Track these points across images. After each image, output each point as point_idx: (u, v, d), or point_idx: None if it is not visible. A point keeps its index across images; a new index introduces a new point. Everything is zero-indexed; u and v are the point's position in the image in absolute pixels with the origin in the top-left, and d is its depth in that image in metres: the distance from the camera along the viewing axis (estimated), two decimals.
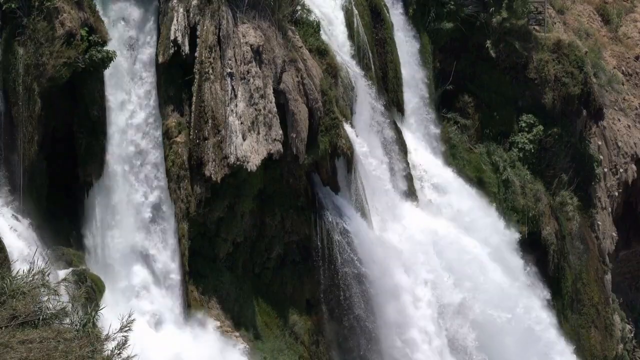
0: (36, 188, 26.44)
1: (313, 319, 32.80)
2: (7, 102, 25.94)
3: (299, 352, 31.98)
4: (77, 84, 26.88)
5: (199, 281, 30.13)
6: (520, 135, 43.08)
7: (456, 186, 39.55)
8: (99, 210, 27.86)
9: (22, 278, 14.95)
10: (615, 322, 46.43)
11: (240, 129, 29.46)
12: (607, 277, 46.67)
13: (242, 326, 30.80)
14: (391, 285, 33.85)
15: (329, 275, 32.73)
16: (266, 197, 31.74)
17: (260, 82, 30.13)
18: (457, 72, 42.16)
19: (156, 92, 29.12)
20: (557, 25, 47.55)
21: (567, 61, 43.89)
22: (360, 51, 36.52)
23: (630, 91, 52.00)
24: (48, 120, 26.48)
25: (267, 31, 30.82)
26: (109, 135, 27.77)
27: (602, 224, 46.63)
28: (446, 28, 41.16)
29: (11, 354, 12.88)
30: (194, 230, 29.77)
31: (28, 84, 25.64)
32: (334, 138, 32.45)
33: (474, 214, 39.27)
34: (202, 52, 29.37)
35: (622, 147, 49.02)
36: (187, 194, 29.25)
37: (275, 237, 32.13)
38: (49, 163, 26.90)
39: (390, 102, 38.10)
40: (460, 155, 41.44)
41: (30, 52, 25.64)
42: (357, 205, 33.90)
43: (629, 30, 54.34)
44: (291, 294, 32.49)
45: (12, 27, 25.73)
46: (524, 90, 43.51)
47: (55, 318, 14.21)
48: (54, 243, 26.18)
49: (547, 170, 43.78)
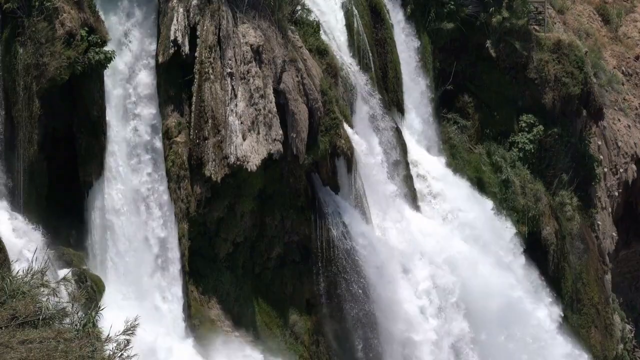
0: (36, 188, 26.42)
1: (313, 319, 32.79)
2: (7, 102, 25.94)
3: (299, 352, 31.97)
4: (77, 84, 26.86)
5: (199, 281, 30.13)
6: (520, 135, 43.08)
7: (456, 186, 39.53)
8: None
9: (22, 278, 14.95)
10: (615, 322, 46.42)
11: (240, 129, 29.46)
12: (607, 277, 46.66)
13: (242, 326, 30.80)
14: (390, 285, 33.85)
15: (329, 275, 32.72)
16: (266, 197, 31.74)
17: (260, 82, 30.12)
18: (457, 72, 42.17)
19: (156, 92, 29.12)
20: (557, 25, 47.54)
21: (567, 61, 43.88)
22: (360, 51, 36.51)
23: (630, 91, 52.00)
24: (48, 120, 26.46)
25: (267, 31, 30.81)
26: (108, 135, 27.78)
27: (602, 224, 46.63)
28: (446, 28, 41.14)
29: (11, 354, 12.87)
30: (194, 230, 29.76)
31: (28, 84, 25.63)
32: (334, 138, 32.44)
33: (473, 214, 39.25)
34: (202, 52, 29.37)
35: (622, 147, 49.02)
36: (187, 194, 29.25)
37: (275, 237, 32.13)
38: (49, 163, 26.88)
39: (390, 102, 38.10)
40: (460, 155, 41.44)
41: (30, 52, 25.63)
42: (357, 205, 33.89)
43: (629, 30, 54.33)
44: (291, 294, 32.48)
45: (12, 27, 25.72)
46: (524, 90, 43.51)
47: (55, 318, 14.20)
48: (54, 243, 26.16)
49: (547, 170, 43.77)
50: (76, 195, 27.64)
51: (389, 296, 33.65)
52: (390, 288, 33.75)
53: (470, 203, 39.66)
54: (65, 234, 27.24)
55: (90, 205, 27.61)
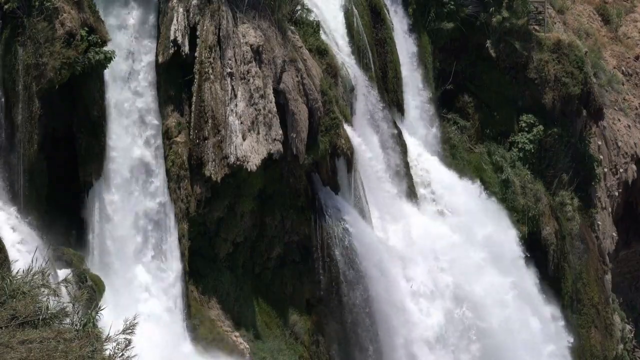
0: (36, 188, 26.43)
1: (313, 319, 32.79)
2: (7, 102, 25.94)
3: (299, 352, 31.98)
4: (77, 84, 26.87)
5: (199, 281, 30.14)
6: (520, 135, 43.09)
7: (456, 186, 39.53)
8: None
9: (22, 278, 14.94)
10: (615, 322, 46.43)
11: (240, 129, 29.46)
12: (607, 277, 46.66)
13: (242, 326, 30.80)
14: (390, 285, 33.85)
15: (329, 275, 32.73)
16: (266, 197, 31.74)
17: (260, 82, 30.12)
18: (457, 72, 42.18)
19: (156, 92, 29.13)
20: (557, 25, 47.55)
21: (567, 61, 43.89)
22: (360, 51, 36.51)
23: (630, 91, 52.01)
24: (48, 120, 26.47)
25: (267, 31, 30.81)
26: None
27: (602, 224, 46.64)
28: (446, 28, 41.16)
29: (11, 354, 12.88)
30: (194, 230, 29.77)
31: (28, 84, 25.63)
32: (334, 138, 32.45)
33: (473, 215, 39.24)
34: (202, 52, 29.37)
35: (622, 147, 49.02)
36: (187, 194, 29.25)
37: (275, 237, 32.13)
38: (49, 163, 26.89)
39: (390, 102, 38.10)
40: (460, 156, 41.44)
41: (30, 52, 25.63)
42: (357, 205, 33.89)
43: (629, 30, 54.34)
44: (291, 294, 32.48)
45: (12, 27, 25.72)
46: (524, 90, 43.52)
47: (55, 318, 14.20)
48: (54, 243, 26.16)
49: (547, 170, 43.78)
50: (76, 195, 27.65)
51: (388, 296, 33.65)
52: (390, 288, 33.75)
53: (471, 203, 39.65)
54: (65, 234, 27.25)
55: (90, 206, 27.63)
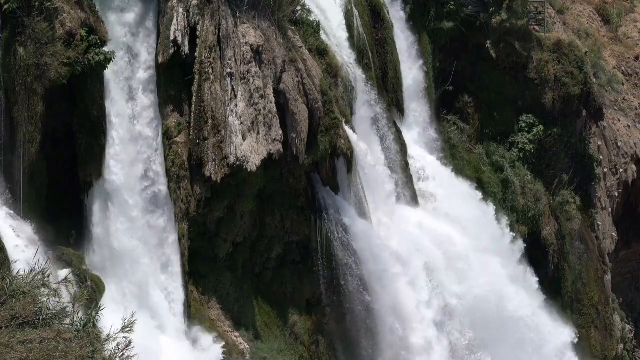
0: (36, 188, 26.43)
1: (313, 319, 32.81)
2: (7, 102, 25.94)
3: (299, 352, 31.99)
4: (77, 84, 26.87)
5: (199, 281, 30.14)
6: (520, 135, 43.10)
7: (456, 186, 39.54)
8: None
9: (22, 278, 14.96)
10: (615, 322, 46.45)
11: (240, 129, 29.46)
12: (607, 277, 46.69)
13: (242, 326, 30.82)
14: (390, 284, 33.85)
15: (329, 275, 32.75)
16: (266, 197, 31.74)
17: (260, 82, 30.12)
18: (457, 72, 42.18)
19: (156, 92, 29.13)
20: (557, 25, 47.55)
21: (567, 61, 43.90)
22: (360, 51, 36.51)
23: (630, 91, 52.02)
24: (48, 120, 26.47)
25: (267, 31, 30.81)
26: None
27: (602, 224, 46.65)
28: (446, 28, 41.16)
29: (11, 354, 12.89)
30: (194, 230, 29.77)
31: (28, 84, 25.63)
32: (334, 138, 32.45)
33: (473, 215, 39.26)
34: (202, 52, 29.36)
35: (622, 147, 49.03)
36: (187, 194, 29.25)
37: (275, 237, 32.14)
38: (49, 163, 26.89)
39: (390, 102, 38.10)
40: (460, 156, 41.45)
41: (30, 52, 25.62)
42: (357, 205, 33.90)
43: (629, 30, 54.35)
44: (291, 294, 32.50)
45: (12, 27, 25.71)
46: (524, 90, 43.53)
47: (56, 318, 14.21)
48: (54, 243, 26.17)
49: (547, 170, 43.80)
50: (76, 195, 27.66)
51: (388, 296, 33.66)
52: (389, 287, 33.76)
53: (471, 203, 39.66)
54: (65, 234, 27.25)
55: (90, 206, 27.64)
